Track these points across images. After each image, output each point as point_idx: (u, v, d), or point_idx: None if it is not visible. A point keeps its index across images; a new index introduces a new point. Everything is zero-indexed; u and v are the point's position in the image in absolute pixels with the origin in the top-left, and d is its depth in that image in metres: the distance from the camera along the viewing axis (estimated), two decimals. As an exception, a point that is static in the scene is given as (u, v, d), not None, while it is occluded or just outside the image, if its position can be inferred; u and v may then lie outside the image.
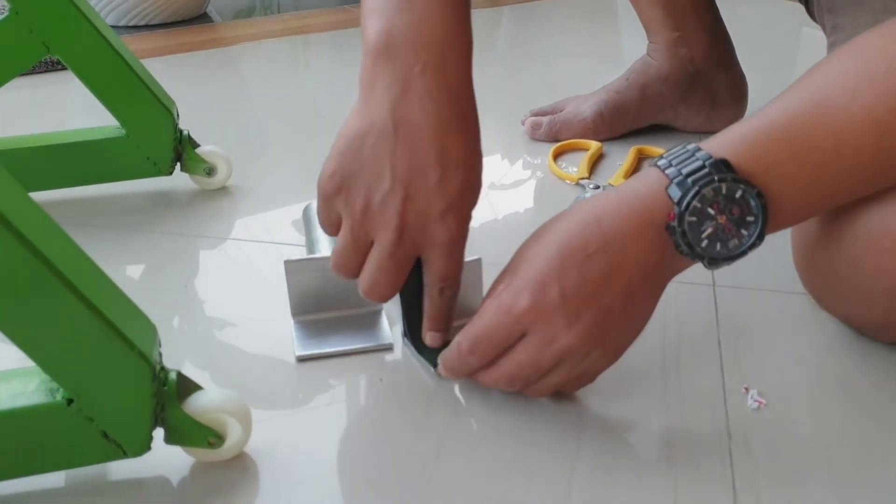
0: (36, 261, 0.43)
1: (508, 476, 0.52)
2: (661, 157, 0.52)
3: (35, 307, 0.44)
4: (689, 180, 0.49)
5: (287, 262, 0.64)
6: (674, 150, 0.52)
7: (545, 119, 1.03)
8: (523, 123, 1.05)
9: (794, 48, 1.47)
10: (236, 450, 0.53)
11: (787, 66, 1.35)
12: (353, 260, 0.56)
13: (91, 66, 0.79)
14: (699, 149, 0.51)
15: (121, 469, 0.53)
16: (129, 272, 0.77)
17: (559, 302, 0.51)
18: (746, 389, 0.59)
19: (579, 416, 0.57)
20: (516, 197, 0.90)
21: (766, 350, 0.63)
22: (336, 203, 0.55)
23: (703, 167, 0.49)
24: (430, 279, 0.56)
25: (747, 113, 1.03)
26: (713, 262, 0.51)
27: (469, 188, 0.54)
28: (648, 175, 0.52)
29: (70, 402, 0.47)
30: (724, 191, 0.49)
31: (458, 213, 0.54)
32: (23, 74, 0.80)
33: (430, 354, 0.60)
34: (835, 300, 0.62)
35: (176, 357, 0.62)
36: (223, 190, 0.91)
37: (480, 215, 0.86)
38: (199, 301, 0.72)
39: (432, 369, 0.59)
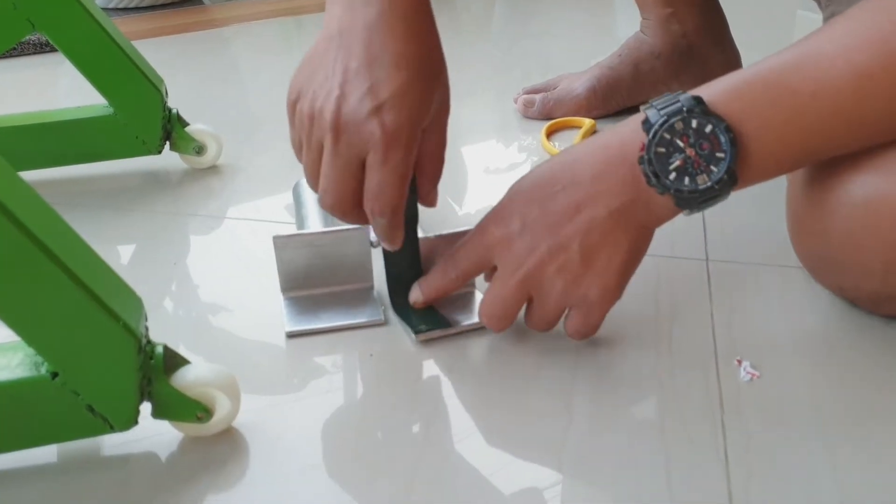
0: (18, 233, 0.42)
1: (500, 445, 0.52)
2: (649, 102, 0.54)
3: (18, 279, 0.43)
4: (661, 111, 0.52)
5: (276, 238, 0.64)
6: (662, 96, 0.54)
7: (538, 97, 1.03)
8: (516, 101, 1.04)
9: (790, 28, 1.46)
10: (225, 424, 0.53)
11: (782, 46, 1.34)
12: (316, 170, 0.56)
13: (77, 42, 0.78)
14: (683, 93, 0.52)
15: (108, 444, 0.53)
16: (118, 251, 0.76)
17: (519, 231, 0.55)
18: (739, 362, 0.58)
19: (570, 385, 0.56)
20: (509, 176, 0.89)
21: (760, 323, 0.63)
22: (295, 118, 0.56)
23: (676, 100, 0.52)
24: (365, 201, 0.55)
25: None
26: (683, 200, 0.52)
27: (409, 90, 0.53)
28: (631, 119, 0.54)
29: (55, 375, 0.46)
30: (693, 124, 0.50)
31: (392, 113, 0.52)
32: (14, 56, 0.79)
33: (410, 319, 0.61)
34: (830, 272, 0.61)
35: (164, 333, 0.62)
36: (213, 169, 0.90)
37: (472, 194, 0.85)
38: (188, 278, 0.71)
39: (413, 334, 0.60)
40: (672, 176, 0.51)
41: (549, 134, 0.98)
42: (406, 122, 0.53)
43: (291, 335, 0.62)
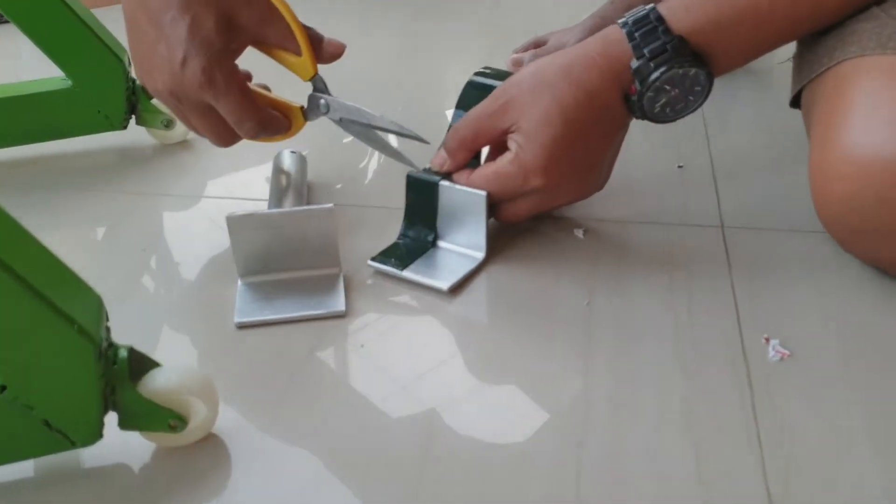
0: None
1: (509, 460, 0.47)
2: (623, 18, 0.58)
3: (-48, 282, 0.37)
4: (652, 64, 0.56)
5: (229, 218, 0.58)
6: (636, 13, 0.58)
7: (527, 55, 0.96)
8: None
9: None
10: (202, 432, 0.48)
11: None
12: (205, 129, 0.63)
13: (26, 8, 0.71)
14: (661, 19, 0.57)
15: (74, 458, 0.47)
16: (80, 237, 0.70)
17: (517, 94, 0.59)
18: (767, 339, 0.53)
19: (587, 369, 0.51)
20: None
21: (785, 296, 0.57)
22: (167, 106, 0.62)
23: (664, 49, 0.56)
24: (237, 131, 0.62)
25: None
26: (658, 121, 0.60)
27: (197, 30, 0.57)
28: (611, 37, 0.58)
29: (3, 388, 0.41)
30: (680, 72, 0.57)
31: (194, 60, 0.57)
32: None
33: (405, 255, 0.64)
34: (861, 239, 0.56)
35: (131, 333, 0.56)
36: (184, 144, 0.84)
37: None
38: (159, 267, 0.65)
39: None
40: (656, 110, 0.59)
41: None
42: (208, 59, 0.57)
43: (241, 326, 0.57)
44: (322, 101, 0.65)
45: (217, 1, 0.58)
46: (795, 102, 0.64)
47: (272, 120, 0.63)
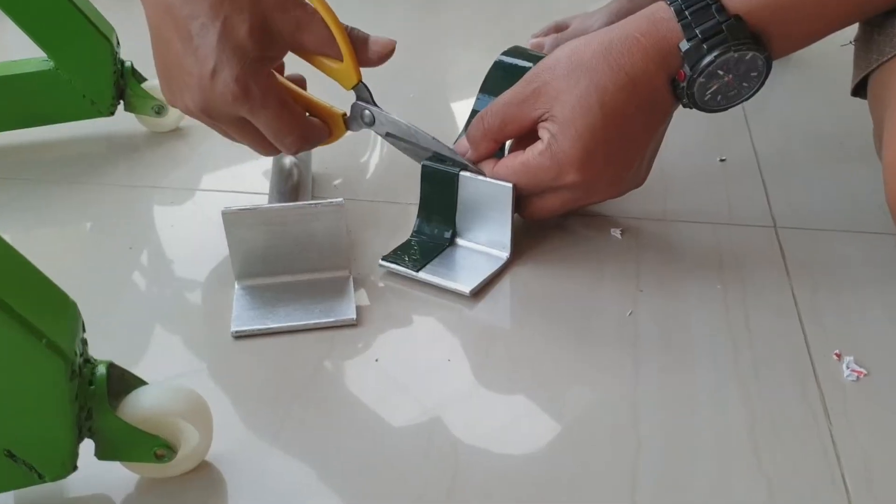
0: None
1: (550, 482, 0.40)
2: None
3: None
4: (705, 46, 0.50)
5: (226, 213, 0.51)
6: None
7: (548, 40, 0.90)
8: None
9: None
10: (193, 462, 0.41)
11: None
12: (245, 142, 0.57)
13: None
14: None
15: (46, 492, 0.40)
16: (61, 233, 0.63)
17: (550, 79, 0.53)
18: (839, 356, 0.47)
19: (634, 392, 0.45)
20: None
21: (853, 305, 0.51)
22: (200, 121, 0.56)
23: (719, 29, 0.50)
24: (278, 147, 0.57)
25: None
26: (708, 110, 0.54)
27: (228, 36, 0.51)
28: (657, 15, 0.52)
29: (-44, 415, 0.34)
30: (736, 56, 0.50)
31: (225, 70, 0.51)
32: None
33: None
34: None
35: (113, 346, 0.50)
36: (177, 132, 0.77)
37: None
38: (148, 267, 0.58)
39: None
40: (706, 97, 0.52)
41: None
42: (242, 69, 0.51)
43: (238, 335, 0.50)
44: (367, 111, 0.58)
45: (251, 5, 0.52)
46: (857, 90, 0.58)
47: (314, 130, 0.57)
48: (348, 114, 0.59)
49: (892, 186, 0.49)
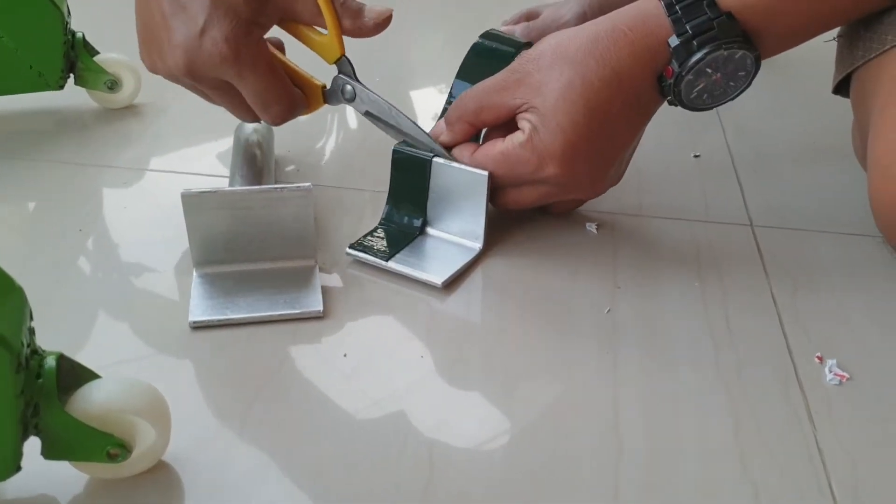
0: None
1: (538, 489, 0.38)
2: None
3: None
4: (695, 42, 0.48)
5: (185, 195, 0.48)
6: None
7: (518, 27, 0.88)
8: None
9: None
10: (148, 462, 0.38)
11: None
12: (225, 106, 0.55)
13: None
14: None
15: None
16: (6, 213, 0.59)
17: (533, 70, 0.51)
18: (820, 359, 0.46)
19: (615, 391, 0.43)
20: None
21: (833, 307, 0.50)
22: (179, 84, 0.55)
23: (710, 26, 0.48)
24: (258, 114, 0.55)
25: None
26: (692, 109, 0.52)
27: (222, 1, 0.50)
28: (646, 8, 0.50)
29: None
30: (726, 54, 0.49)
31: (215, 29, 0.50)
32: None
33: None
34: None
35: (63, 335, 0.46)
36: (130, 109, 0.73)
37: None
38: (98, 251, 0.55)
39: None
40: (693, 96, 0.51)
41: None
42: (233, 29, 0.50)
43: (197, 326, 0.48)
44: (348, 86, 0.55)
45: None
46: (839, 87, 0.57)
47: (298, 101, 0.55)
48: (328, 86, 0.56)
49: (878, 184, 0.48)
